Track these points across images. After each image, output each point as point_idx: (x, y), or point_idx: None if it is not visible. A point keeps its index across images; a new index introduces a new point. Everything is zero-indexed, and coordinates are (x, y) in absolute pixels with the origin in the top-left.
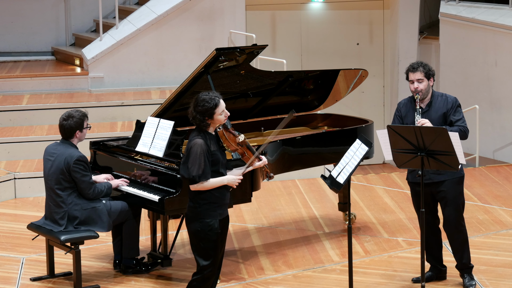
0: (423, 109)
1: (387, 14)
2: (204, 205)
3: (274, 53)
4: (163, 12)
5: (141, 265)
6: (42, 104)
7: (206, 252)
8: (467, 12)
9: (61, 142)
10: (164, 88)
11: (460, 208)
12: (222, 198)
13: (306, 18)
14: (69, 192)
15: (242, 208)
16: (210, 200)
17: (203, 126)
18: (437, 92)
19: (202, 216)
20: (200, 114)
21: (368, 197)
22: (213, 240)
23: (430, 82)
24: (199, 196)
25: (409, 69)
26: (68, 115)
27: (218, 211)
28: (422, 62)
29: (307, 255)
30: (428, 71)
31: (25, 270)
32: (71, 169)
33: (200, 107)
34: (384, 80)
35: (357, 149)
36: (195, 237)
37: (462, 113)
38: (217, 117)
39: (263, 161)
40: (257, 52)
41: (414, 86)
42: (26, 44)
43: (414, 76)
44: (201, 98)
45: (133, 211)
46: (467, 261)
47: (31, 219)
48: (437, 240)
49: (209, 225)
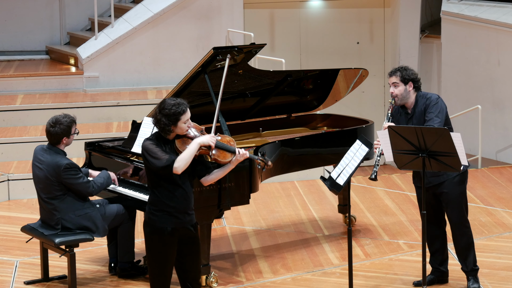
0: (409, 114)
1: (388, 12)
2: (155, 211)
3: (272, 52)
4: (160, 10)
5: (136, 268)
6: (36, 104)
7: (152, 261)
8: (470, 10)
9: (47, 148)
10: (160, 88)
11: (462, 209)
12: (176, 207)
13: (305, 16)
14: (60, 200)
15: (240, 210)
16: (163, 208)
17: (164, 132)
18: (422, 93)
19: (152, 222)
20: (166, 118)
21: (369, 199)
22: (160, 250)
23: (408, 87)
24: (151, 203)
25: (388, 73)
26: (55, 121)
27: (171, 219)
28: (402, 67)
29: (306, 258)
30: (405, 76)
31: (19, 274)
32: (63, 177)
33: (167, 110)
34: (384, 79)
35: (357, 150)
36: (146, 244)
37: (438, 112)
38: (181, 124)
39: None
40: (255, 51)
41: (390, 90)
42: (20, 43)
43: (390, 80)
44: (169, 102)
45: (128, 214)
46: (472, 264)
47: (25, 221)
48: (441, 243)
49: (159, 231)
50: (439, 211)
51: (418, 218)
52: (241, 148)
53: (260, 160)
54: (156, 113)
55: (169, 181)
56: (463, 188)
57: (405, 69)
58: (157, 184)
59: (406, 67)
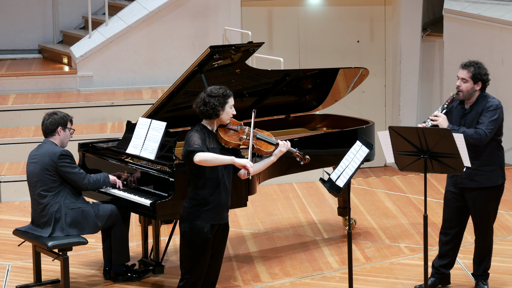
0: (465, 110)
1: (388, 10)
2: (195, 206)
3: (270, 51)
4: (155, 8)
5: (131, 272)
6: (28, 104)
7: (190, 257)
8: (472, 8)
9: (42, 143)
10: (156, 87)
11: (489, 215)
12: (216, 200)
13: (304, 14)
14: (55, 192)
15: (238, 213)
16: (202, 201)
17: (214, 115)
18: (485, 94)
19: (192, 217)
20: (215, 99)
21: (369, 201)
22: (200, 244)
23: (476, 86)
24: (192, 196)
25: (460, 64)
26: (51, 113)
27: (210, 215)
28: (477, 64)
29: (305, 262)
30: (477, 75)
31: (11, 278)
32: (58, 165)
33: (216, 91)
34: (385, 79)
35: (357, 151)
36: (183, 239)
37: (493, 118)
38: (228, 109)
39: (283, 145)
40: (253, 50)
41: (457, 83)
42: (12, 42)
43: (460, 73)
44: (215, 87)
45: (122, 215)
46: (485, 269)
47: (17, 224)
48: (454, 246)
49: (197, 228)
50: (463, 214)
51: (420, 221)
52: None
53: (298, 153)
54: (203, 98)
55: (211, 175)
56: (495, 195)
57: (479, 67)
58: (199, 177)
59: (480, 64)
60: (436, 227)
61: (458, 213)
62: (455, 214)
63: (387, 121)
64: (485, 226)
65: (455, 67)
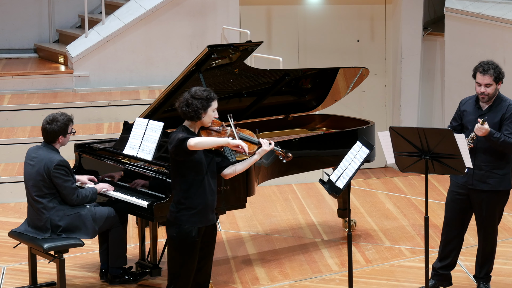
0: (481, 111)
1: (389, 9)
2: (182, 210)
3: (269, 50)
4: (152, 7)
5: (129, 274)
6: (24, 105)
7: (178, 261)
8: (474, 7)
9: (42, 146)
10: (153, 87)
11: (495, 218)
12: (203, 203)
13: (303, 13)
14: (50, 199)
15: (236, 215)
16: (189, 205)
17: (195, 117)
18: (501, 95)
19: (179, 222)
20: (198, 101)
21: (369, 202)
22: (188, 249)
23: (498, 86)
24: (178, 200)
25: (477, 69)
26: (52, 118)
27: (197, 218)
28: (494, 64)
29: (305, 264)
30: (499, 75)
31: (6, 280)
32: (52, 174)
33: (200, 94)
34: (386, 78)
35: (357, 152)
36: (170, 243)
37: None
38: (210, 112)
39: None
40: (251, 49)
41: (481, 90)
42: (7, 41)
43: (483, 79)
44: (199, 88)
45: (119, 217)
46: (487, 271)
47: (12, 226)
48: (456, 248)
49: (185, 232)
50: (466, 216)
51: (421, 222)
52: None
53: (281, 151)
54: (186, 99)
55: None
56: (502, 198)
57: (496, 66)
58: (184, 181)
59: (493, 62)
60: (437, 229)
61: (461, 214)
62: (459, 216)
63: (387, 121)
64: (490, 229)
65: (456, 67)
